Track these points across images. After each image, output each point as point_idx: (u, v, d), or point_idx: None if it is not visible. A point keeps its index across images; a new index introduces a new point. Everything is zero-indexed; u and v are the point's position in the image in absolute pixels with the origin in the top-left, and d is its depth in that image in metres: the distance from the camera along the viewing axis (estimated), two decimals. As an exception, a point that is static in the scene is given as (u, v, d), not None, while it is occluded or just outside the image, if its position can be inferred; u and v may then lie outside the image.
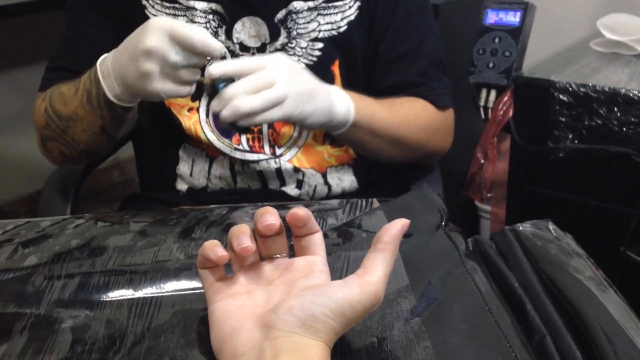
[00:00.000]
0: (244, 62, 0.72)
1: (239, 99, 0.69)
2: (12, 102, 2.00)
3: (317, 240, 0.49)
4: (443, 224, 0.62)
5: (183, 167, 0.96)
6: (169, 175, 0.98)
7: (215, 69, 0.69)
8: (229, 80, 0.71)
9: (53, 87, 0.87)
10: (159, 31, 0.69)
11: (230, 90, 0.69)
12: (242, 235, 0.46)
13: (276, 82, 0.71)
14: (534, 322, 0.48)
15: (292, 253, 0.50)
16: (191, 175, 0.95)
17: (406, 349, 0.45)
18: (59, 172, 1.06)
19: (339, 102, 0.80)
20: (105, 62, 0.77)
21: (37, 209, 0.98)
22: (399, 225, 0.45)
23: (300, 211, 0.47)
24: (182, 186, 0.97)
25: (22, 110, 2.02)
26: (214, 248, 0.46)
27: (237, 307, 0.45)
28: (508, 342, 0.46)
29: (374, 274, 0.43)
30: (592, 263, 0.56)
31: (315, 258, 0.48)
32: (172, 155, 0.96)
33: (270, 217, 0.47)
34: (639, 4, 1.38)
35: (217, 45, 0.70)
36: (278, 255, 0.49)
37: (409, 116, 0.92)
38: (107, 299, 0.52)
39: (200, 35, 0.69)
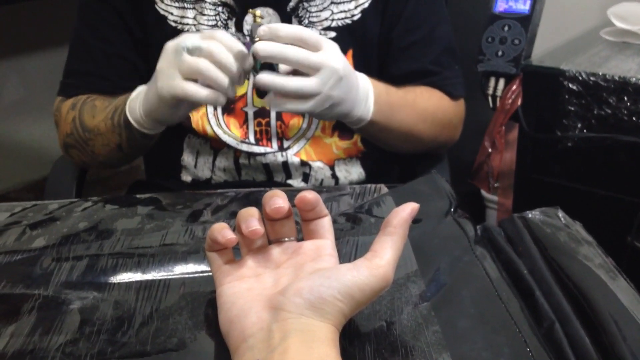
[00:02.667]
0: (297, 54, 0.68)
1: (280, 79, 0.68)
2: (18, 88, 1.99)
3: (326, 224, 0.49)
4: (452, 210, 0.61)
5: (187, 158, 0.96)
6: (173, 166, 0.97)
7: (259, 46, 0.67)
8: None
9: (87, 99, 0.89)
10: (170, 47, 0.70)
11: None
12: (251, 218, 0.46)
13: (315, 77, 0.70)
14: (543, 309, 0.48)
15: (301, 237, 0.50)
16: (195, 166, 0.95)
17: (415, 333, 0.45)
18: (64, 159, 1.06)
19: (361, 105, 0.79)
20: (140, 87, 0.79)
21: (42, 195, 0.99)
22: (409, 209, 0.45)
23: (308, 195, 0.47)
24: (186, 177, 0.97)
25: (28, 97, 2.02)
26: (222, 230, 0.45)
27: (245, 290, 0.44)
28: (517, 327, 0.46)
29: (383, 257, 0.43)
30: (602, 250, 0.56)
31: (323, 242, 0.48)
32: (176, 145, 0.96)
33: (279, 200, 0.46)
34: (651, -7, 1.36)
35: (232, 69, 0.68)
36: (286, 239, 0.49)
37: (427, 110, 0.91)
38: (115, 281, 0.52)
39: (218, 73, 0.68)
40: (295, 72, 0.71)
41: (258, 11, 0.73)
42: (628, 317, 0.45)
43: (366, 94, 0.79)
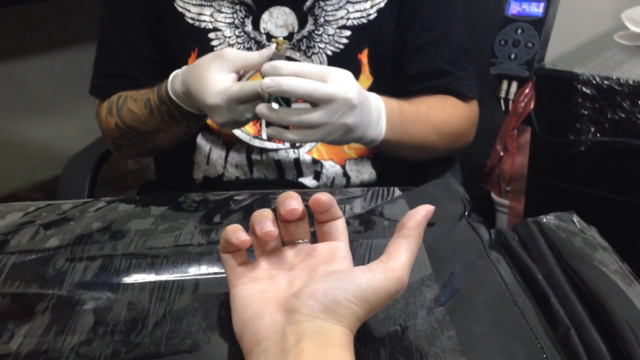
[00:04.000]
0: (309, 86, 0.69)
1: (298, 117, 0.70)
2: (28, 89, 2.00)
3: (340, 226, 0.49)
4: (466, 214, 0.61)
5: (200, 155, 0.96)
6: (185, 164, 0.98)
7: (267, 82, 0.68)
8: None
9: (118, 103, 0.90)
10: (224, 105, 0.73)
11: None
12: (265, 220, 0.46)
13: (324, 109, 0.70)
14: (558, 315, 0.48)
15: (314, 239, 0.50)
16: (207, 163, 0.95)
17: (430, 338, 0.44)
18: (77, 158, 1.07)
19: (374, 127, 0.79)
20: (175, 90, 0.80)
21: (53, 195, 0.99)
22: (424, 211, 0.45)
23: (323, 196, 0.47)
24: (198, 175, 0.97)
25: (38, 97, 2.03)
26: (236, 232, 0.45)
27: (259, 292, 0.44)
28: (533, 332, 0.46)
29: (398, 260, 0.42)
30: (618, 256, 0.55)
31: (337, 244, 0.48)
32: (189, 143, 0.96)
33: (293, 201, 0.46)
34: (666, -4, 1.35)
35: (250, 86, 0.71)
36: (300, 241, 0.49)
37: (441, 122, 0.92)
38: (128, 282, 0.52)
39: (248, 85, 0.71)
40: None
41: (281, 39, 0.74)
42: (645, 324, 0.45)
43: (378, 115, 0.79)
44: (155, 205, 0.65)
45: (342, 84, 0.70)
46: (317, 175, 0.94)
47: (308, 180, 0.94)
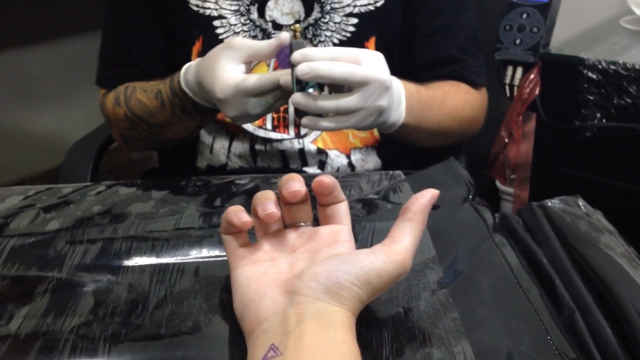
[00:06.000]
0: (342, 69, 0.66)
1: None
2: (32, 77, 2.00)
3: (342, 210, 0.48)
4: (470, 197, 0.60)
5: (203, 145, 0.95)
6: (188, 153, 0.97)
7: (303, 68, 0.64)
8: None
9: (126, 93, 0.88)
10: (234, 98, 0.70)
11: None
12: (267, 202, 0.45)
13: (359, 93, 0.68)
14: (563, 298, 0.47)
15: (317, 222, 0.49)
16: (211, 152, 0.95)
17: (433, 319, 0.44)
18: (79, 145, 1.07)
19: (395, 110, 0.77)
20: (189, 82, 0.78)
21: (56, 184, 0.99)
22: (429, 195, 0.44)
23: (326, 178, 0.46)
24: (201, 163, 0.96)
25: (42, 86, 2.02)
26: (237, 213, 0.45)
27: (260, 273, 0.44)
28: (538, 315, 0.45)
29: (402, 243, 0.42)
30: (623, 240, 0.54)
31: (340, 227, 0.48)
32: None
33: (296, 183, 0.46)
34: (673, -20, 1.34)
35: (275, 75, 0.69)
36: (302, 224, 0.48)
37: (456, 107, 0.91)
38: (129, 265, 0.51)
39: (266, 78, 0.69)
40: (331, 87, 0.69)
41: (298, 26, 0.72)
42: (651, 307, 0.44)
43: (399, 99, 0.78)
44: (156, 189, 0.65)
45: (375, 65, 0.68)
46: (321, 165, 0.93)
47: (312, 170, 0.93)
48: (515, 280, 0.49)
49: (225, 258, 0.47)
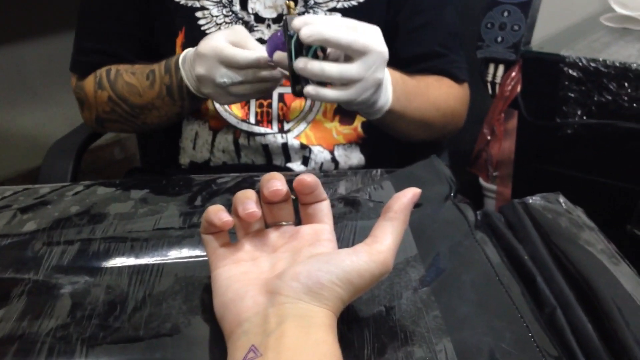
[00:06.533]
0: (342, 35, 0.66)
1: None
2: (11, 77, 1.97)
3: (324, 209, 0.48)
4: (452, 194, 0.60)
5: (186, 140, 0.95)
6: (171, 149, 0.96)
7: (308, 31, 0.64)
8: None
9: (110, 76, 0.89)
10: (210, 57, 0.73)
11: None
12: (248, 201, 0.45)
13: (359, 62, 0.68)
14: (544, 295, 0.48)
15: (298, 221, 0.49)
16: (194, 148, 0.94)
17: (415, 317, 0.44)
18: (59, 144, 1.05)
19: (383, 95, 0.77)
20: (185, 64, 0.80)
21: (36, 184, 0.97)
22: (410, 194, 0.44)
23: (307, 178, 0.46)
24: (184, 160, 0.96)
25: (21, 85, 1.99)
26: (218, 212, 0.44)
27: (241, 273, 0.43)
28: (519, 312, 0.45)
29: (384, 242, 0.41)
30: (604, 236, 0.55)
31: (321, 226, 0.47)
32: (175, 128, 0.95)
33: (277, 182, 0.45)
34: (652, -22, 1.35)
35: (262, 55, 0.71)
36: (284, 223, 0.48)
37: (439, 98, 0.91)
38: (107, 266, 0.51)
39: (245, 54, 0.72)
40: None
41: (292, 3, 0.72)
42: (631, 303, 0.45)
43: (386, 83, 0.78)
44: (135, 189, 0.64)
45: (374, 36, 0.68)
46: (305, 161, 0.93)
47: (296, 166, 0.93)
48: (497, 277, 0.49)
49: (206, 258, 0.47)
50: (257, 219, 0.45)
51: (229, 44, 0.73)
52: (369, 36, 0.67)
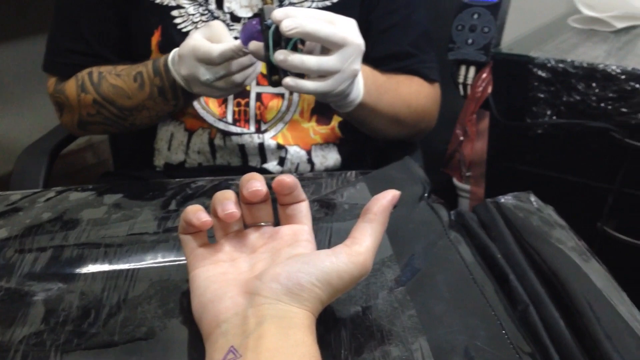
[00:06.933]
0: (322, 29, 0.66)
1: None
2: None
3: (303, 209, 0.48)
4: (426, 195, 0.61)
5: (161, 142, 0.94)
6: (145, 152, 0.96)
7: (289, 24, 0.64)
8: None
9: (92, 79, 0.88)
10: (188, 57, 0.74)
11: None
12: (227, 201, 0.45)
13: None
14: (517, 292, 0.48)
15: (277, 222, 0.49)
16: (169, 149, 0.93)
17: (391, 317, 0.44)
18: (30, 151, 1.04)
19: (354, 89, 0.78)
20: (174, 65, 0.80)
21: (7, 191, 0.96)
22: (390, 196, 0.44)
23: (287, 178, 0.46)
24: (159, 161, 0.95)
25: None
26: (196, 213, 0.44)
27: (219, 274, 0.43)
28: (493, 310, 0.46)
29: (363, 244, 0.42)
30: (574, 234, 0.56)
31: (300, 227, 0.47)
32: (149, 131, 0.94)
33: (256, 182, 0.45)
34: (617, -20, 1.38)
35: (227, 46, 0.71)
36: (263, 223, 0.48)
37: (410, 95, 0.92)
38: (81, 272, 0.50)
39: (218, 47, 0.72)
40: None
41: None
42: (601, 299, 0.45)
43: (359, 78, 0.78)
44: (108, 194, 0.63)
45: (350, 28, 0.69)
46: (281, 162, 0.93)
47: (272, 166, 0.93)
48: (471, 276, 0.50)
49: (181, 262, 0.46)
50: (236, 219, 0.45)
51: (205, 40, 0.74)
52: (347, 29, 0.68)
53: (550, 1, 1.55)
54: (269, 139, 0.91)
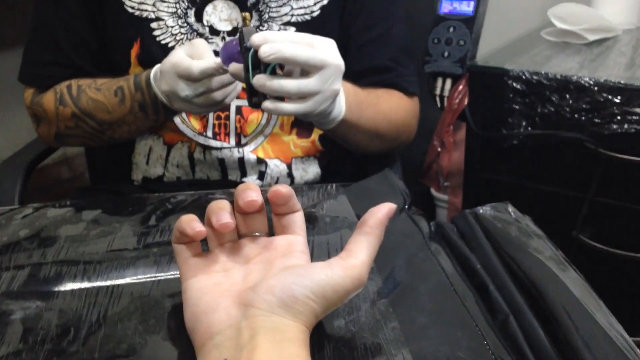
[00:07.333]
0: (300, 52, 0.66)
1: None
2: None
3: (298, 220, 0.48)
4: (406, 207, 0.61)
5: (139, 156, 0.93)
6: (123, 166, 0.95)
7: (267, 50, 0.64)
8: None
9: (71, 92, 0.88)
10: (169, 73, 0.75)
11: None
12: (222, 211, 0.44)
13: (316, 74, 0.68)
14: (497, 302, 0.49)
15: (271, 232, 0.49)
16: (147, 163, 0.93)
17: (374, 329, 0.44)
18: (4, 166, 1.03)
19: (336, 107, 0.78)
20: (156, 80, 0.80)
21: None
22: (386, 209, 0.44)
23: (282, 188, 0.46)
24: (137, 176, 0.94)
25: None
26: (191, 222, 0.44)
27: (213, 284, 0.43)
28: (474, 321, 0.46)
29: (358, 257, 0.42)
30: (552, 243, 0.56)
31: (295, 237, 0.47)
32: (127, 145, 0.93)
33: (252, 193, 0.45)
34: (588, -6, 1.41)
35: (207, 64, 0.72)
36: (257, 234, 0.48)
37: (390, 110, 0.93)
38: (59, 290, 0.49)
39: (198, 64, 0.72)
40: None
41: (248, 14, 0.73)
42: (580, 308, 0.46)
43: (341, 95, 0.79)
44: (87, 210, 0.63)
45: (329, 50, 0.69)
46: (261, 175, 0.93)
47: (252, 180, 0.93)
48: (452, 287, 0.50)
49: (161, 278, 0.46)
50: (231, 229, 0.44)
51: (186, 57, 0.74)
52: (325, 50, 0.68)
53: (524, 14, 1.58)
54: (249, 152, 0.91)
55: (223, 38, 0.89)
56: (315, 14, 0.91)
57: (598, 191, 1.09)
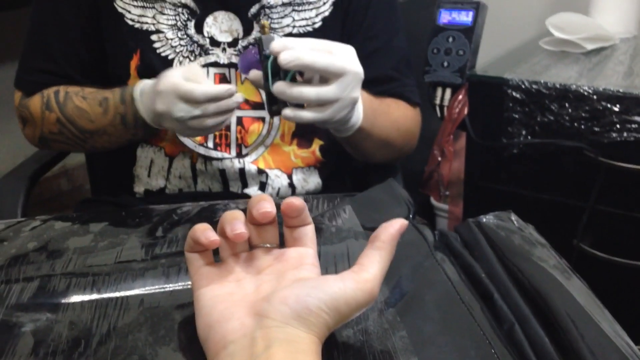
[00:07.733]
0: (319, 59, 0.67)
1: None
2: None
3: (309, 233, 0.48)
4: (411, 216, 0.62)
5: (140, 169, 0.94)
6: (124, 178, 0.95)
7: (287, 57, 0.64)
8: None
9: (58, 98, 0.89)
10: (167, 94, 0.74)
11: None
12: (236, 221, 0.45)
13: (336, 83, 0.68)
14: (502, 311, 0.49)
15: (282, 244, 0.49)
16: (149, 175, 0.93)
17: (382, 339, 0.45)
18: (7, 180, 1.03)
19: (356, 114, 0.79)
20: (142, 96, 0.81)
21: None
22: (398, 225, 0.45)
23: (296, 201, 0.46)
24: (139, 188, 0.94)
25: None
26: (205, 231, 0.44)
27: (226, 294, 0.43)
28: (481, 329, 0.46)
29: (370, 271, 0.42)
30: (555, 252, 0.57)
31: (306, 250, 0.47)
32: (128, 156, 0.94)
33: (267, 204, 0.45)
34: (586, 3, 1.42)
35: (220, 89, 0.72)
36: (269, 245, 0.48)
37: (399, 119, 0.94)
38: (69, 301, 0.50)
39: (202, 88, 0.72)
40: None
41: (267, 22, 0.73)
42: (585, 315, 0.46)
43: (360, 104, 0.80)
44: (94, 222, 0.63)
45: (349, 57, 0.69)
46: (262, 186, 0.93)
47: (253, 191, 0.93)
48: (458, 296, 0.50)
49: (170, 289, 0.46)
50: (245, 239, 0.45)
51: (184, 80, 0.74)
52: (344, 57, 0.69)
53: (522, 24, 1.59)
54: (250, 163, 0.92)
55: (224, 49, 0.90)
56: (316, 25, 0.91)
57: (598, 199, 1.10)
